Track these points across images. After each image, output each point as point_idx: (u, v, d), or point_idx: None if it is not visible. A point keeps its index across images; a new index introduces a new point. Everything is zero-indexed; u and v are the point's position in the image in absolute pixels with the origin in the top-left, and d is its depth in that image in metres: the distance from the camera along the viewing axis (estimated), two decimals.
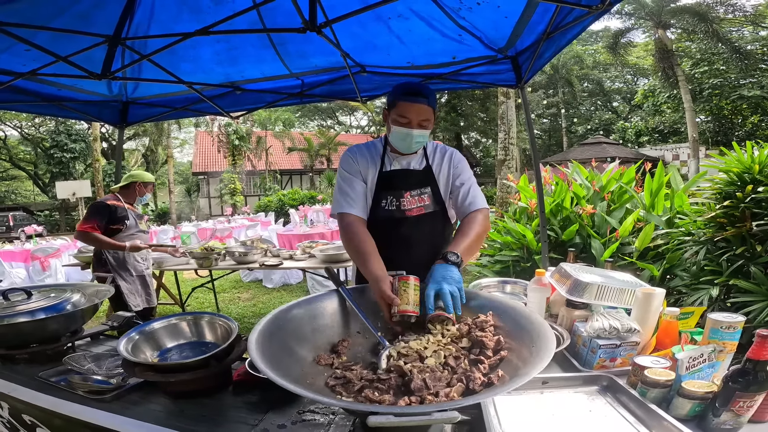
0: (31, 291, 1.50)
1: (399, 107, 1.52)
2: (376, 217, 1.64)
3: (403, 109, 1.51)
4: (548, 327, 1.01)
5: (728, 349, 1.11)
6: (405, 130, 1.52)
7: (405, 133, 1.52)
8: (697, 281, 2.70)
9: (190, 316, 1.38)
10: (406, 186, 1.63)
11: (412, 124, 1.51)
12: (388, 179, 1.64)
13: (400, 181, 1.63)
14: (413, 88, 1.53)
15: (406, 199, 1.62)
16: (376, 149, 1.70)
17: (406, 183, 1.63)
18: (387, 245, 1.49)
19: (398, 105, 1.52)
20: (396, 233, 1.62)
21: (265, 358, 0.90)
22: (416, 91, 1.51)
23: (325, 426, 1.05)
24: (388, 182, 1.63)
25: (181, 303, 4.95)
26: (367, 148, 1.72)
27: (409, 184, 1.63)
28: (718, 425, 0.94)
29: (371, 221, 1.63)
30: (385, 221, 1.63)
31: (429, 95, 1.53)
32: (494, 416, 1.00)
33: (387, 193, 1.63)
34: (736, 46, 15.49)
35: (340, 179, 1.66)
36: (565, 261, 1.73)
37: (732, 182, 2.61)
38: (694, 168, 14.43)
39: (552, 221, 3.76)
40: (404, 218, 1.62)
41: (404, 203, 1.62)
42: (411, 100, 1.50)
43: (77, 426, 1.17)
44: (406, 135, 1.53)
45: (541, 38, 2.29)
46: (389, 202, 1.63)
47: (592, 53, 26.63)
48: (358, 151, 1.70)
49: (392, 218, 1.63)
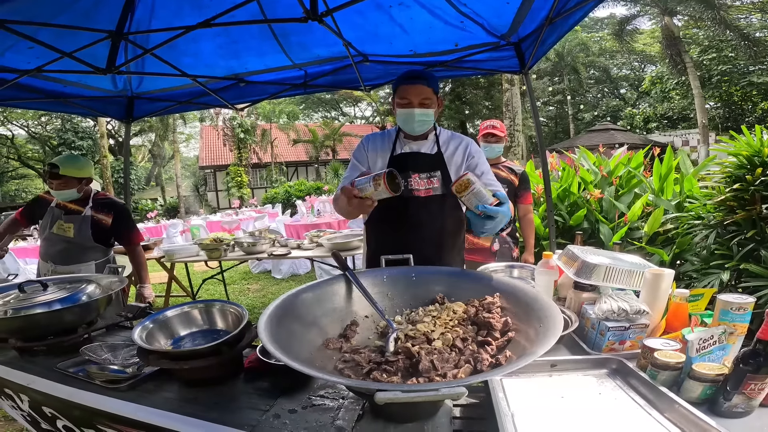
0: (47, 283, 1.53)
1: (400, 91, 1.65)
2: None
3: (403, 92, 1.64)
4: (555, 306, 1.01)
5: (739, 331, 1.09)
6: (407, 110, 1.64)
7: (407, 113, 1.64)
8: (707, 266, 2.68)
9: (202, 304, 1.40)
10: (414, 168, 1.71)
11: (413, 104, 1.63)
12: (397, 161, 1.72)
13: (408, 163, 1.71)
14: (412, 71, 1.67)
15: (414, 180, 1.70)
16: (389, 136, 1.82)
17: (415, 165, 1.71)
18: (396, 225, 1.60)
19: (399, 89, 1.66)
20: (404, 213, 1.69)
21: (275, 342, 0.91)
22: (414, 74, 1.65)
23: (335, 410, 1.07)
24: (397, 164, 1.70)
25: (192, 295, 5.03)
26: (380, 136, 1.84)
27: (418, 166, 1.71)
28: (730, 408, 0.93)
29: (381, 202, 1.64)
30: (394, 200, 1.65)
31: (427, 77, 1.65)
32: (503, 399, 1.01)
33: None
34: (745, 33, 15.16)
35: (351, 163, 1.82)
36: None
37: (741, 166, 2.57)
38: (704, 153, 14.22)
39: (559, 206, 3.74)
40: (412, 198, 1.69)
41: (412, 183, 1.70)
42: (410, 83, 1.63)
43: (96, 415, 1.20)
44: (409, 114, 1.64)
45: (543, 24, 2.27)
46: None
47: (597, 40, 26.12)
48: (371, 139, 1.83)
49: (400, 197, 1.65)
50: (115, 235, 2.64)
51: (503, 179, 2.84)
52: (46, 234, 2.53)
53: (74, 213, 2.53)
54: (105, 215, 2.56)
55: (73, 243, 2.51)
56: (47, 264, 2.55)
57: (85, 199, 2.55)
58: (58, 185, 2.44)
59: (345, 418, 1.03)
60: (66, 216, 2.51)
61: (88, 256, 2.57)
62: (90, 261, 2.58)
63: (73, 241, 2.51)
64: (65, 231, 2.51)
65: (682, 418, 0.89)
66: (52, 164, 2.43)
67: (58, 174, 2.41)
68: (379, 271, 1.38)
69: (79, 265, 2.52)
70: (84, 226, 2.50)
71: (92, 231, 2.52)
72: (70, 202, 2.52)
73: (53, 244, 2.53)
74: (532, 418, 0.93)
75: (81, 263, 2.54)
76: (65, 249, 2.51)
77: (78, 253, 2.54)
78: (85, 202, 2.55)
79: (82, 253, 2.55)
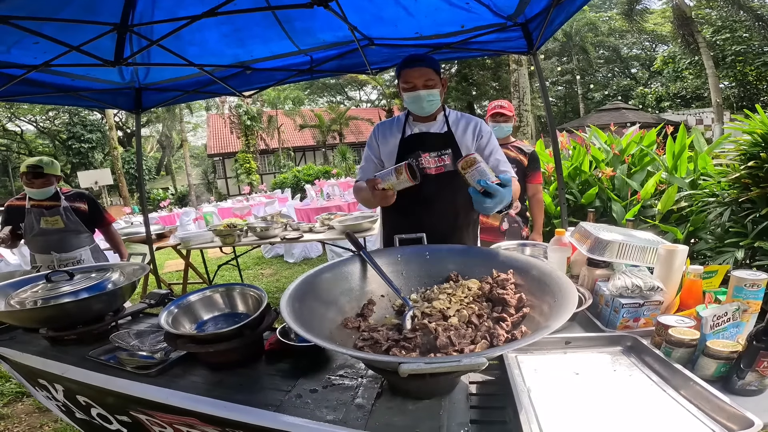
0: (73, 273, 1.58)
1: (403, 76, 1.69)
2: None
3: (406, 76, 1.68)
4: (568, 280, 1.02)
5: (752, 309, 1.10)
6: (413, 93, 1.67)
7: (414, 95, 1.68)
8: (722, 244, 2.66)
9: (223, 288, 1.44)
10: (424, 147, 1.76)
11: (418, 86, 1.67)
12: (407, 142, 1.78)
13: (419, 143, 1.77)
14: (411, 56, 1.71)
15: (425, 158, 1.76)
16: (399, 120, 1.86)
17: (424, 144, 1.77)
18: (409, 203, 1.65)
19: (402, 74, 1.70)
20: (417, 191, 1.69)
21: (298, 320, 0.94)
22: (414, 58, 1.69)
23: (354, 388, 1.10)
24: (408, 146, 1.78)
25: (209, 281, 5.13)
26: (390, 123, 1.88)
27: (428, 146, 1.76)
28: (744, 386, 0.93)
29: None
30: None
31: (426, 59, 1.69)
32: (518, 375, 1.03)
33: (407, 155, 1.75)
34: (759, 14, 14.53)
35: (364, 153, 1.91)
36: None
37: (756, 143, 2.54)
38: (718, 132, 13.85)
39: (570, 185, 3.71)
40: (424, 176, 1.72)
41: (422, 162, 1.75)
42: (410, 66, 1.67)
43: (129, 402, 1.24)
44: (415, 97, 1.68)
45: (551, 4, 2.23)
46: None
47: (606, 20, 25.32)
48: (381, 127, 1.88)
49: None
50: (92, 218, 2.93)
51: (512, 159, 2.83)
52: (35, 231, 2.72)
53: (52, 208, 2.77)
54: (80, 203, 2.87)
55: (67, 231, 2.77)
56: (48, 256, 2.74)
57: (56, 195, 2.82)
58: (42, 183, 2.71)
59: (364, 396, 1.06)
60: (47, 211, 2.74)
61: (82, 242, 2.86)
62: (85, 246, 2.86)
63: (67, 229, 2.77)
64: (54, 224, 2.75)
65: (696, 395, 0.90)
66: (35, 165, 2.68)
67: (42, 173, 2.69)
68: (393, 251, 1.41)
69: (79, 251, 2.81)
70: (69, 215, 2.78)
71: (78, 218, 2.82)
72: (46, 199, 2.77)
73: (49, 236, 2.74)
74: (548, 394, 0.96)
75: (80, 248, 2.85)
76: (61, 238, 2.76)
77: (74, 240, 2.81)
78: (56, 197, 2.82)
79: (77, 239, 2.83)
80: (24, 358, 1.49)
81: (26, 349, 1.53)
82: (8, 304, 1.48)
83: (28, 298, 1.46)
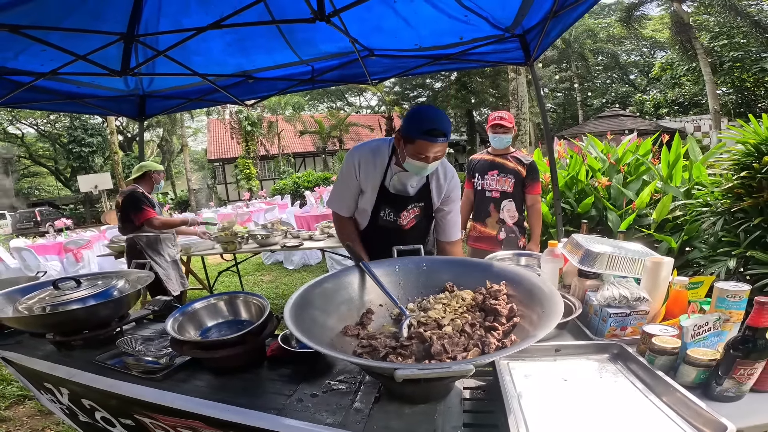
0: (80, 280, 1.62)
1: (418, 145, 1.55)
2: (376, 221, 1.87)
3: (422, 148, 1.55)
4: (556, 292, 1.07)
5: (734, 318, 1.13)
6: (421, 164, 1.60)
7: (421, 166, 1.61)
8: (714, 253, 2.70)
9: (227, 296, 1.48)
10: (403, 207, 1.85)
11: (429, 160, 1.59)
12: (387, 197, 1.82)
13: (398, 204, 1.84)
14: (434, 127, 1.52)
15: (403, 215, 1.86)
16: (381, 158, 1.77)
17: (404, 205, 1.85)
18: (385, 244, 1.60)
19: (417, 142, 1.54)
20: (393, 237, 1.79)
21: (300, 329, 0.99)
22: (437, 132, 1.52)
23: (353, 393, 1.14)
24: (387, 200, 1.83)
25: (209, 287, 5.16)
26: (372, 155, 1.78)
27: (406, 206, 1.85)
28: (721, 393, 0.97)
29: (372, 223, 1.88)
30: (383, 228, 1.88)
31: (447, 131, 1.54)
32: (509, 381, 1.08)
33: (386, 207, 1.83)
34: (756, 20, 14.71)
35: (340, 176, 1.85)
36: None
37: (749, 153, 2.58)
38: (716, 139, 13.93)
39: (567, 194, 3.77)
40: (400, 228, 1.88)
41: (401, 220, 1.87)
42: (431, 141, 1.53)
43: (134, 405, 1.28)
44: (422, 168, 1.63)
45: (547, 17, 2.29)
46: (387, 214, 1.85)
47: (605, 27, 25.55)
48: (362, 158, 1.77)
49: (389, 227, 1.88)
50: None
51: (510, 170, 2.88)
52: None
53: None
54: None
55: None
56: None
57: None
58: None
59: (363, 401, 1.10)
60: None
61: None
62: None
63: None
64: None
65: (676, 401, 0.94)
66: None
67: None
68: (391, 262, 1.46)
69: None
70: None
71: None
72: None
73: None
74: (537, 399, 1.00)
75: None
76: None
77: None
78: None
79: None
80: (30, 362, 1.53)
81: (33, 353, 1.56)
82: (16, 310, 1.52)
83: (36, 304, 1.50)
